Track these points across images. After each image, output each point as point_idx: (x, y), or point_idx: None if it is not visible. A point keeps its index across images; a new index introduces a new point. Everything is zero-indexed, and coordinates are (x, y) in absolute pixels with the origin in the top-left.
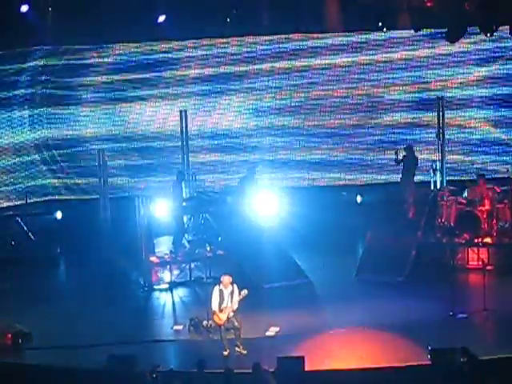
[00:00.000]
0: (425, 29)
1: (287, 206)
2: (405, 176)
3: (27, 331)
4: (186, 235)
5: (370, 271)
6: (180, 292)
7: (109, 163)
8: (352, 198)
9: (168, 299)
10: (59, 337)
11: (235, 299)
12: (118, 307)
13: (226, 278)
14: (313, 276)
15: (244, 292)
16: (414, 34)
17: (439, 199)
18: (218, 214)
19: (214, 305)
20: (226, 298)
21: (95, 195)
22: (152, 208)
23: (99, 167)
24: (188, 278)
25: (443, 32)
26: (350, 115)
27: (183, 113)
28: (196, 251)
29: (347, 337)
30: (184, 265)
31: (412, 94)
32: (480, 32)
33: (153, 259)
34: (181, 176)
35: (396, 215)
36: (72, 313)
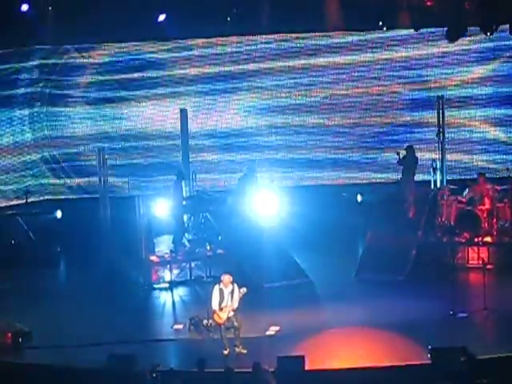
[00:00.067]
0: (425, 28)
1: (287, 205)
2: (405, 175)
3: (27, 330)
4: (186, 234)
5: (370, 270)
6: (180, 291)
7: (109, 162)
8: (352, 197)
9: (168, 298)
10: (59, 336)
11: (235, 298)
12: (118, 306)
13: (227, 277)
14: (313, 275)
15: (243, 290)
16: (414, 33)
17: (439, 198)
18: (218, 213)
19: (214, 304)
20: (226, 297)
21: (95, 194)
22: (152, 207)
23: (99, 166)
24: (188, 277)
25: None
26: (350, 114)
27: (183, 112)
28: (196, 250)
29: (347, 336)
30: (184, 264)
31: (412, 94)
32: (480, 31)
33: (153, 258)
34: (181, 175)
35: (396, 214)
36: (72, 312)
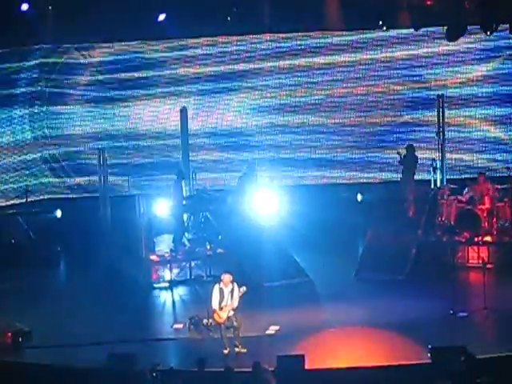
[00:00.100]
0: (425, 27)
1: (287, 205)
2: (405, 174)
3: (27, 330)
4: (186, 234)
5: (370, 270)
6: (180, 290)
7: (109, 162)
8: (352, 197)
9: (168, 298)
10: (59, 335)
11: (235, 297)
12: (118, 306)
13: (227, 277)
14: (313, 275)
15: (243, 289)
16: (414, 33)
17: (439, 198)
18: (218, 213)
19: (214, 303)
20: (226, 297)
21: (95, 193)
22: (152, 206)
23: (99, 166)
24: (188, 277)
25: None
26: (351, 114)
27: (183, 111)
28: (196, 250)
29: (347, 335)
30: (184, 263)
31: (412, 93)
32: (480, 30)
33: (153, 258)
34: (181, 174)
35: (396, 214)
36: (72, 312)
